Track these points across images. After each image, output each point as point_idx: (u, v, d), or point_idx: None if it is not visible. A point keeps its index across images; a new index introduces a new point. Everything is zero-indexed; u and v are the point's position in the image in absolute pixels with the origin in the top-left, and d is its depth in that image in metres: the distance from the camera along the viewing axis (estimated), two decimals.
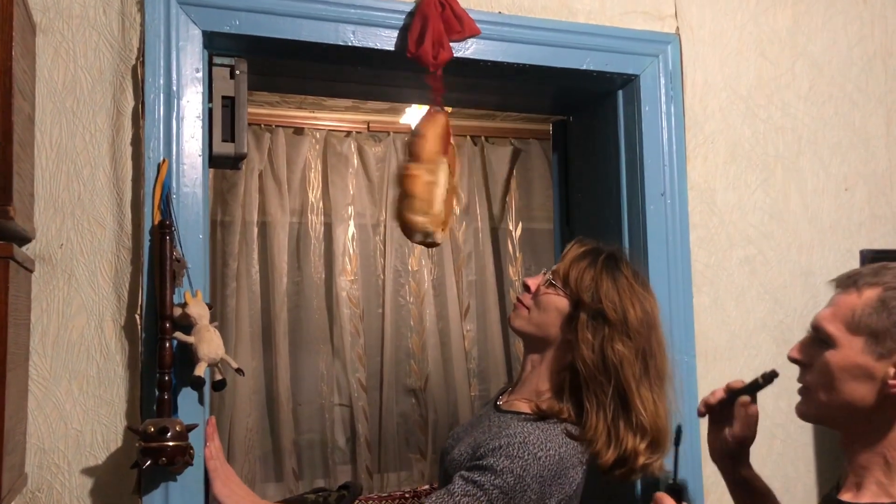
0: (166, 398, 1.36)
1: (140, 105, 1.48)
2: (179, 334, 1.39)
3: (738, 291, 1.93)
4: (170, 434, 1.31)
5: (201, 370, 1.38)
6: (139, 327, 1.44)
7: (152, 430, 1.31)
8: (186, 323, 1.40)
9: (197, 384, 1.39)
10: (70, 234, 1.44)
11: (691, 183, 1.89)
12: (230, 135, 1.59)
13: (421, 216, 1.52)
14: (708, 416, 1.41)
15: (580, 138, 2.12)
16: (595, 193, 2.02)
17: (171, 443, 1.31)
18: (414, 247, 3.82)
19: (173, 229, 1.42)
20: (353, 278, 3.73)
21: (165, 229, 1.40)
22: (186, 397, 1.44)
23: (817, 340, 1.19)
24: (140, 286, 1.44)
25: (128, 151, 1.48)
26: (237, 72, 1.59)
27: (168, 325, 1.38)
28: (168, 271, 1.39)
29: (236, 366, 1.45)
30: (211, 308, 1.45)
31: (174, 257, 1.41)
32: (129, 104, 1.48)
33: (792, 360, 1.24)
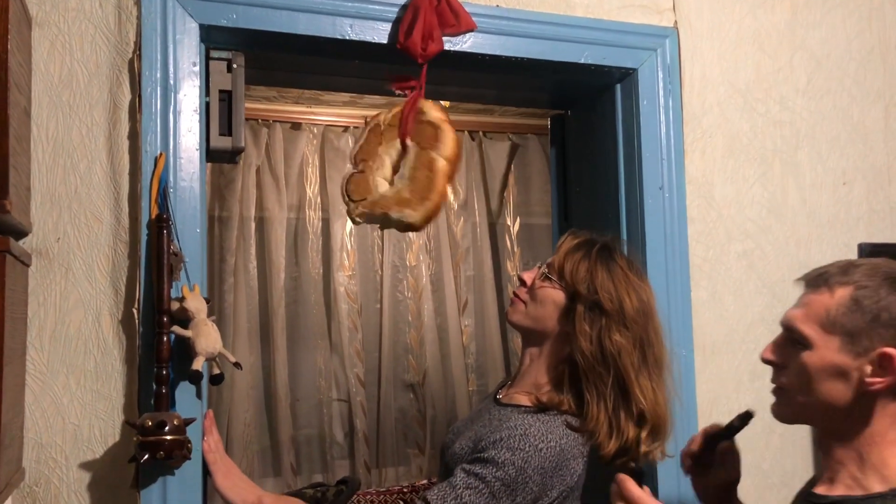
0: (164, 392, 1.36)
1: (137, 99, 1.47)
2: (177, 328, 1.39)
3: (736, 285, 1.93)
4: (167, 428, 1.31)
5: (199, 364, 1.38)
6: (137, 321, 1.44)
7: (150, 425, 1.31)
8: (184, 317, 1.40)
9: (194, 378, 1.40)
10: (67, 228, 1.43)
11: (689, 177, 1.89)
12: (227, 129, 1.59)
13: (348, 205, 1.60)
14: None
15: (578, 133, 2.11)
16: (593, 188, 2.02)
17: (169, 437, 1.31)
18: (412, 242, 3.82)
19: (170, 223, 1.42)
20: (351, 273, 3.73)
21: (162, 223, 1.39)
22: (184, 391, 1.44)
23: (791, 341, 1.17)
24: (137, 280, 1.44)
25: (125, 145, 1.47)
26: (234, 65, 1.59)
27: (165, 320, 1.38)
28: (165, 265, 1.38)
29: (234, 360, 1.45)
30: (208, 302, 1.45)
31: (171, 251, 1.41)
32: (126, 98, 1.48)
33: (765, 362, 1.22)
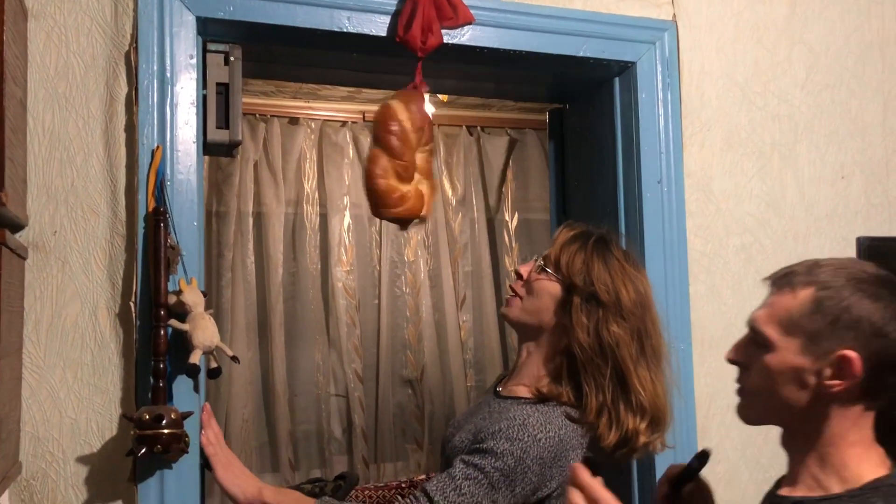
0: (161, 386, 1.36)
1: (133, 91, 1.46)
2: (174, 322, 1.38)
3: (735, 279, 1.93)
4: (165, 422, 1.31)
5: (196, 358, 1.37)
6: (133, 315, 1.43)
7: (147, 418, 1.31)
8: (181, 310, 1.40)
9: (192, 372, 1.39)
10: (63, 221, 1.43)
11: (688, 171, 1.89)
12: (224, 122, 1.58)
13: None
14: None
15: (576, 126, 2.11)
16: (591, 181, 2.02)
17: (167, 430, 1.31)
18: (410, 238, 3.82)
19: (167, 216, 1.41)
20: (349, 269, 3.72)
21: (159, 216, 1.39)
22: (181, 385, 1.43)
23: (754, 341, 1.16)
24: (134, 273, 1.44)
25: (121, 138, 1.46)
26: (231, 58, 1.58)
27: (162, 313, 1.37)
28: (162, 258, 1.38)
29: (231, 353, 1.45)
30: (206, 296, 1.44)
31: (168, 244, 1.40)
32: (123, 90, 1.47)
33: (730, 362, 1.21)
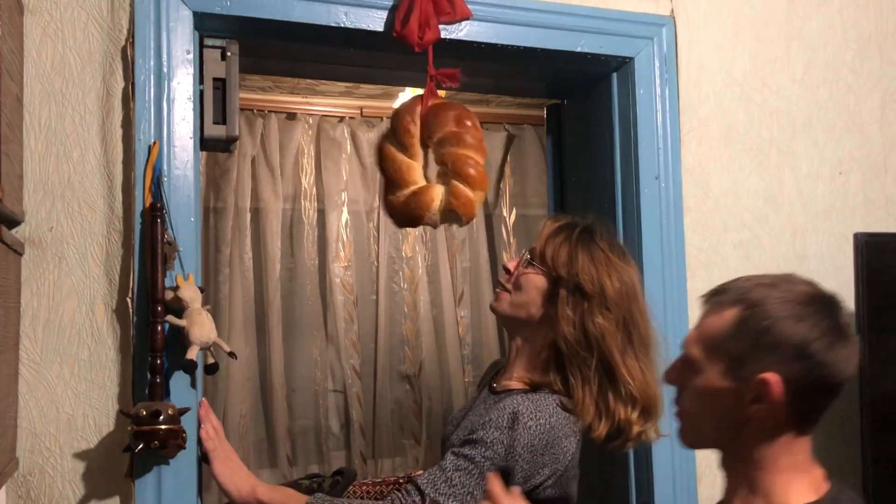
0: (158, 382, 1.36)
1: (130, 86, 1.46)
2: (171, 317, 1.38)
3: (732, 275, 1.88)
4: (162, 417, 1.31)
5: (193, 353, 1.37)
6: (131, 310, 1.43)
7: (144, 414, 1.30)
8: (178, 306, 1.40)
9: (189, 367, 1.39)
10: (60, 217, 1.42)
11: (685, 166, 1.88)
12: (222, 117, 1.57)
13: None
14: None
15: (574, 122, 2.11)
16: (589, 177, 2.01)
17: (164, 426, 1.30)
18: (407, 233, 3.81)
19: (164, 212, 1.41)
20: (347, 265, 3.72)
21: (156, 212, 1.39)
22: (179, 381, 1.43)
23: (686, 363, 1.13)
24: (131, 269, 1.43)
25: (118, 133, 1.46)
26: (228, 53, 1.58)
27: (160, 309, 1.37)
28: (159, 254, 1.37)
29: (229, 349, 1.45)
30: (203, 291, 1.44)
31: (165, 240, 1.40)
32: (119, 85, 1.46)
33: (667, 383, 1.18)
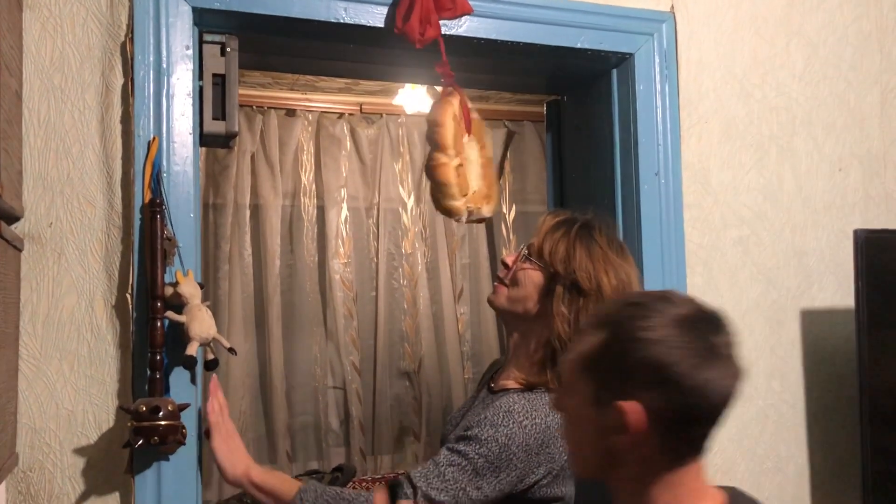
0: (158, 377, 1.36)
1: (129, 82, 1.46)
2: (171, 313, 1.38)
3: (732, 271, 1.93)
4: (162, 413, 1.31)
5: (193, 349, 1.37)
6: (130, 306, 1.43)
7: (144, 410, 1.30)
8: (178, 302, 1.40)
9: (189, 363, 1.39)
10: (59, 213, 1.42)
11: (685, 163, 1.88)
12: (221, 113, 1.57)
13: (459, 200, 1.65)
14: None
15: (574, 118, 2.10)
16: (589, 173, 2.01)
17: (163, 422, 1.31)
18: (407, 230, 3.81)
19: (164, 208, 1.41)
20: (347, 261, 3.72)
21: (156, 208, 1.38)
22: (178, 377, 1.43)
23: (565, 387, 1.06)
24: (131, 265, 1.43)
25: (117, 129, 1.46)
26: (228, 49, 1.57)
27: (159, 305, 1.37)
28: (159, 250, 1.37)
29: (228, 345, 1.45)
30: (202, 287, 1.44)
31: (165, 236, 1.39)
32: (119, 81, 1.46)
33: (552, 408, 1.15)
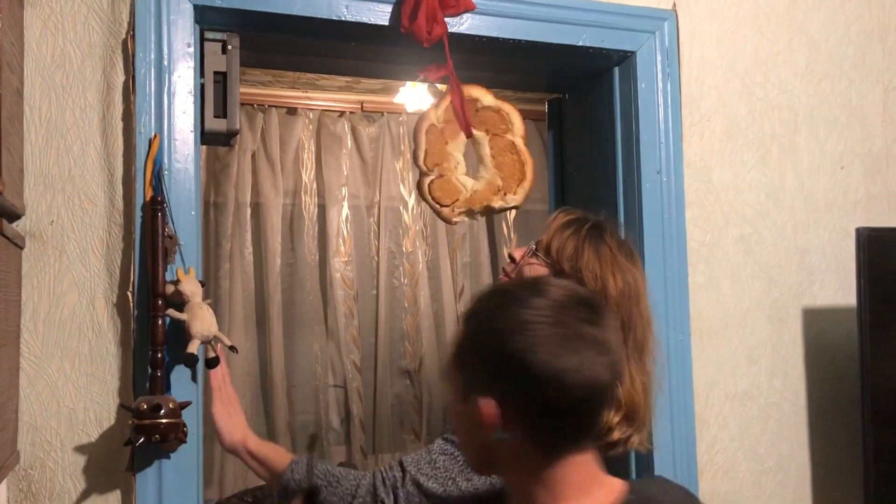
0: (159, 375, 1.36)
1: (131, 80, 1.45)
2: (172, 311, 1.38)
3: (734, 270, 1.93)
4: (163, 411, 1.30)
5: (194, 347, 1.37)
6: (131, 304, 1.43)
7: (145, 408, 1.30)
8: (179, 300, 1.39)
9: (190, 361, 1.39)
10: (61, 211, 1.42)
11: (687, 161, 1.88)
12: (222, 111, 1.57)
13: (445, 210, 1.67)
14: None
15: (576, 116, 2.10)
16: (590, 171, 2.01)
17: (165, 420, 1.30)
18: (408, 228, 3.81)
19: (165, 206, 1.40)
20: (347, 260, 3.72)
21: (157, 206, 1.38)
22: (179, 375, 1.43)
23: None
24: (132, 263, 1.43)
25: (118, 127, 1.46)
26: (229, 47, 1.57)
27: (160, 303, 1.37)
28: (160, 248, 1.37)
29: (229, 343, 1.45)
30: (204, 286, 1.44)
31: (166, 234, 1.39)
32: (120, 79, 1.46)
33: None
